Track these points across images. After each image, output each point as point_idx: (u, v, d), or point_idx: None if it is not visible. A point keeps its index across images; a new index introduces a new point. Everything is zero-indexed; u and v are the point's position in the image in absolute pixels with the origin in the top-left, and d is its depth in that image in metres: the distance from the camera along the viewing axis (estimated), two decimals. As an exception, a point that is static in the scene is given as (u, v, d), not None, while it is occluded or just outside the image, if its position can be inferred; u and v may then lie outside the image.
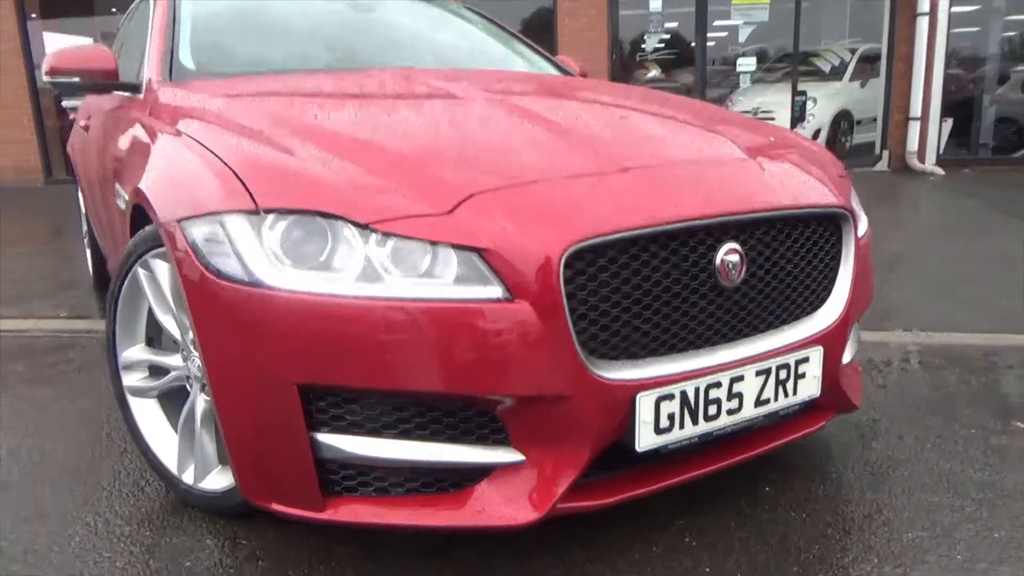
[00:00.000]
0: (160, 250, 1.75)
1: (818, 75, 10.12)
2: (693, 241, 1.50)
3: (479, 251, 1.36)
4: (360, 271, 1.37)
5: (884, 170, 8.82)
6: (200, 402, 1.78)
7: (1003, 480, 1.90)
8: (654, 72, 11.13)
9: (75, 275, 4.65)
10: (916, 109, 8.44)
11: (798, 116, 8.68)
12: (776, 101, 9.74)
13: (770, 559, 1.60)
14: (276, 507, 1.50)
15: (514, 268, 1.35)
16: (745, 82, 9.28)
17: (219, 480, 1.79)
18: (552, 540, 1.64)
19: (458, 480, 1.46)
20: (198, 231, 1.48)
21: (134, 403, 1.95)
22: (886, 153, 8.85)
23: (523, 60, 3.07)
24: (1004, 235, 5.11)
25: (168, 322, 1.80)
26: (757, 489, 1.88)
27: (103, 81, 2.43)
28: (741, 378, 1.55)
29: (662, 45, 9.85)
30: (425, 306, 1.34)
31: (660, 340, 1.49)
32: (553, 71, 3.06)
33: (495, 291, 1.35)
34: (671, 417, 1.48)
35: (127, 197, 1.97)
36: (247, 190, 1.45)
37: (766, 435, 1.71)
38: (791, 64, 9.46)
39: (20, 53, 10.02)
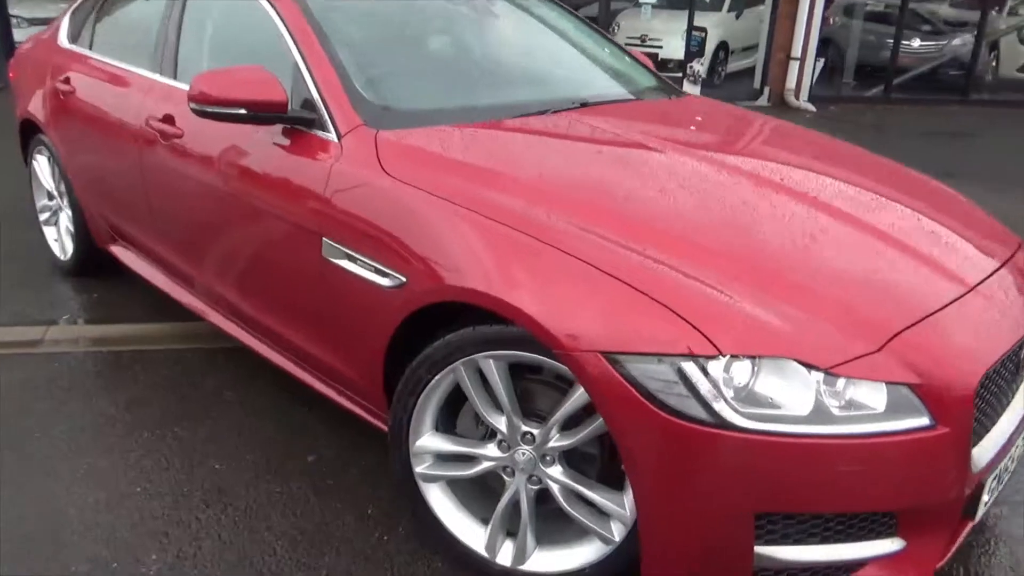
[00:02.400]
0: (496, 352, 1.73)
1: (698, 5, 10.57)
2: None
3: (910, 386, 1.53)
4: (812, 410, 1.50)
5: (765, 104, 9.58)
6: (524, 490, 1.83)
7: None
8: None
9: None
10: (797, 50, 9.17)
11: (695, 50, 9.08)
12: (665, 30, 10.09)
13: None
14: (696, 611, 1.65)
15: (939, 398, 1.54)
16: (647, 13, 9.51)
17: (542, 562, 1.87)
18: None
19: (847, 567, 1.68)
20: (639, 368, 1.51)
21: (427, 489, 1.94)
22: (767, 89, 9.58)
23: (629, 68, 3.10)
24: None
25: (496, 420, 1.80)
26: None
27: (271, 114, 2.17)
28: (1016, 446, 1.89)
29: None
30: (869, 441, 1.50)
31: (987, 424, 1.77)
32: (653, 79, 3.11)
33: (923, 420, 1.54)
34: (991, 491, 1.79)
35: (403, 280, 1.86)
36: (702, 333, 1.50)
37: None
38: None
39: None
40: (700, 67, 9.08)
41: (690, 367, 1.49)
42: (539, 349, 1.68)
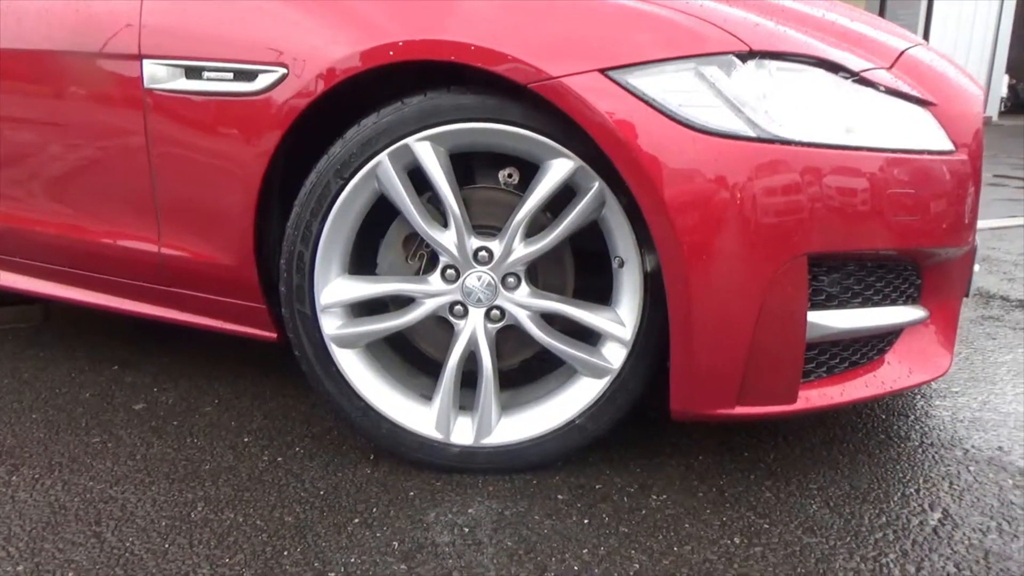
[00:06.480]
0: (438, 130, 1.28)
1: None
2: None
3: (927, 105, 1.34)
4: (849, 124, 1.24)
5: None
6: (483, 332, 1.37)
7: None
8: None
9: None
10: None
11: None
12: None
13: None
14: (740, 410, 1.27)
15: (952, 123, 1.35)
16: None
17: (513, 430, 1.41)
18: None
19: (868, 349, 1.42)
20: (654, 81, 1.16)
21: (346, 360, 1.39)
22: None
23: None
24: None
25: (439, 235, 1.33)
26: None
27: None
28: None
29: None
30: (912, 157, 1.28)
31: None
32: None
33: (946, 143, 1.34)
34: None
35: (283, 71, 1.35)
36: (724, 30, 1.18)
37: None
38: None
39: None
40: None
41: (713, 69, 1.17)
42: (496, 114, 1.27)
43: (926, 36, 11.72)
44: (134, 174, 1.56)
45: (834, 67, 1.26)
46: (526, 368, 1.50)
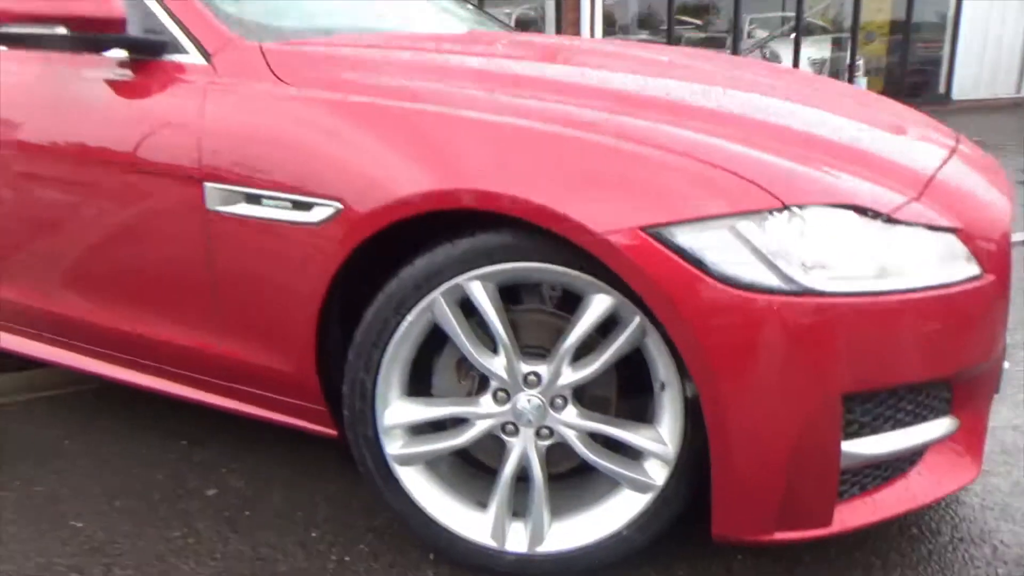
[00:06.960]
0: (488, 270, 1.37)
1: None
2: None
3: (956, 232, 1.39)
4: (877, 265, 1.30)
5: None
6: (533, 448, 1.47)
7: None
8: None
9: None
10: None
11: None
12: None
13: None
14: (780, 536, 1.36)
15: (980, 246, 1.41)
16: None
17: (564, 537, 1.51)
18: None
19: (900, 462, 1.49)
20: (692, 238, 1.23)
21: (407, 476, 1.50)
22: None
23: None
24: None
25: (490, 363, 1.43)
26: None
27: (104, 35, 1.66)
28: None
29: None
30: (942, 292, 1.33)
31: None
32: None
33: (974, 269, 1.39)
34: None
35: (338, 206, 1.43)
36: (761, 187, 1.24)
37: None
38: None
39: None
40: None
41: (749, 225, 1.24)
42: (542, 255, 1.35)
43: (957, 17, 11.34)
44: (196, 287, 1.67)
45: (864, 210, 1.31)
46: (575, 470, 1.60)
